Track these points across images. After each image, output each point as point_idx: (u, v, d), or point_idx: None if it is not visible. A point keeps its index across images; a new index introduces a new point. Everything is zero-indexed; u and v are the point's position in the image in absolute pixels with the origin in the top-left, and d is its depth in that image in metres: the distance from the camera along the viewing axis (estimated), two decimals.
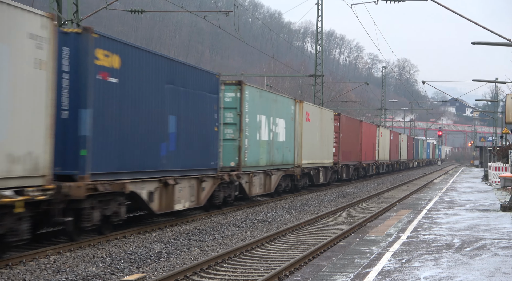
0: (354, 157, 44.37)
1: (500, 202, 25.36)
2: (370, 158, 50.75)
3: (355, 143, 44.89)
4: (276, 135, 27.43)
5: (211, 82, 20.81)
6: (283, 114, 28.44)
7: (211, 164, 20.86)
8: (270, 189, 27.28)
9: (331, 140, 37.68)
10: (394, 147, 66.03)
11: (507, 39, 21.79)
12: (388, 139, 61.37)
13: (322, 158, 35.27)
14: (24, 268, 12.09)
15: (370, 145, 50.94)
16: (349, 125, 43.03)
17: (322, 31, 46.85)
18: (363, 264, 11.72)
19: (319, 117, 34.68)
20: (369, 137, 50.19)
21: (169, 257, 13.65)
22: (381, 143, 56.29)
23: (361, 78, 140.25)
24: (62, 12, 22.53)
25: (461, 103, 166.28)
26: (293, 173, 30.26)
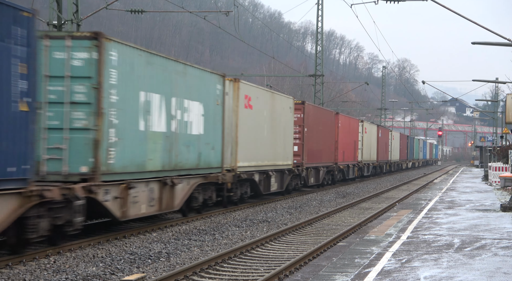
0: (326, 158, 36.91)
1: (500, 202, 25.36)
2: (350, 159, 43.06)
3: (328, 140, 37.23)
4: (185, 125, 18.68)
5: (7, 21, 11.52)
6: (200, 96, 19.71)
7: (10, 172, 11.63)
8: (172, 206, 18.18)
9: (290, 136, 29.48)
10: (383, 146, 57.95)
11: (507, 39, 21.79)
12: (375, 136, 53.97)
13: (275, 158, 27.35)
14: (24, 268, 12.09)
15: (350, 143, 43.47)
16: (318, 118, 35.15)
17: (322, 31, 46.85)
18: (363, 264, 11.72)
19: (269, 105, 26.74)
20: (348, 133, 42.80)
21: (169, 257, 13.65)
22: (365, 141, 48.67)
23: (361, 78, 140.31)
24: (62, 12, 22.53)
25: (461, 103, 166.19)
26: (220, 181, 21.44)
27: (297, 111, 31.24)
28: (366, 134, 49.10)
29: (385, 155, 59.79)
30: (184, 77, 18.63)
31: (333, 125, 38.81)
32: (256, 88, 25.75)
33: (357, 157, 45.70)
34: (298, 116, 31.46)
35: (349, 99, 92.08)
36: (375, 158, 53.63)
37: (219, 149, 21.40)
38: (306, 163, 32.01)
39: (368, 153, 50.26)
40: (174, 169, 18.11)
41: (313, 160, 33.78)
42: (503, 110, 60.26)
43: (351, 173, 44.12)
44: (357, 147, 45.72)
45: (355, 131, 45.22)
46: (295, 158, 30.41)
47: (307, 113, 32.25)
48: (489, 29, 20.94)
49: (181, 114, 18.44)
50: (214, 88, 20.90)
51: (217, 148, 21.23)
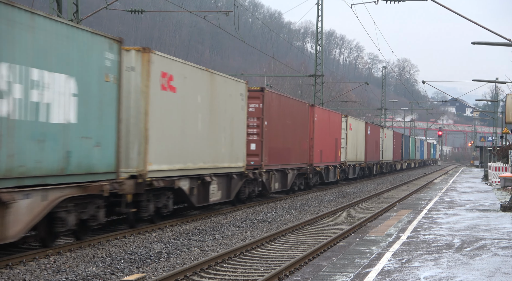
0: (297, 158, 30.80)
1: (500, 202, 25.36)
2: (330, 159, 37.40)
3: (299, 137, 31.19)
4: (34, 109, 12.39)
5: None
6: (70, 65, 13.50)
7: None
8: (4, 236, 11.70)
9: (241, 131, 23.45)
10: (373, 144, 52.22)
11: (507, 39, 21.79)
12: (363, 134, 48.12)
13: (217, 159, 21.16)
14: (24, 268, 12.09)
15: (331, 141, 37.78)
16: (285, 109, 28.75)
17: (322, 31, 46.85)
18: (363, 264, 11.72)
19: (206, 88, 20.23)
20: (328, 129, 37.04)
21: (169, 257, 13.65)
22: (350, 138, 43.20)
23: (361, 78, 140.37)
24: (62, 12, 22.53)
25: (461, 103, 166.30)
26: (106, 193, 14.68)
27: (254, 100, 25.35)
28: (352, 131, 43.72)
29: (376, 155, 54.11)
30: (32, 33, 12.28)
31: (306, 119, 32.48)
32: (183, 65, 18.78)
33: (340, 157, 40.08)
34: (256, 106, 25.54)
35: (349, 99, 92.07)
36: (362, 158, 47.69)
37: (112, 146, 14.97)
38: (266, 165, 25.96)
39: (354, 152, 44.56)
40: (7, 177, 11.57)
41: (278, 161, 27.71)
42: (503, 110, 60.27)
43: (332, 175, 38.51)
44: (340, 145, 40.17)
45: (336, 127, 39.69)
46: (251, 159, 24.93)
47: (268, 102, 26.22)
48: (489, 29, 20.94)
49: (24, 91, 12.03)
50: (100, 57, 14.50)
51: (107, 144, 14.80)
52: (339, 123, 40.55)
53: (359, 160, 46.57)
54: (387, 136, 60.98)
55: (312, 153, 33.33)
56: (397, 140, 67.73)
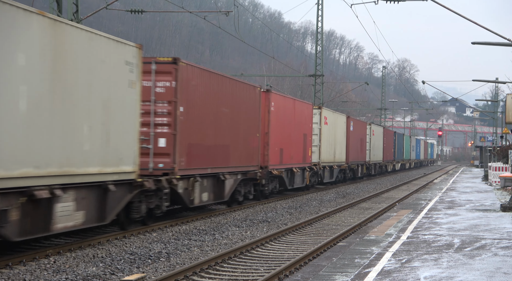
0: (240, 159, 23.25)
1: (500, 202, 25.36)
2: (295, 160, 30.26)
3: (245, 130, 23.78)
4: None
5: None
6: None
7: None
8: None
9: (129, 118, 15.82)
10: (357, 143, 45.66)
11: (507, 39, 21.79)
12: (344, 130, 41.54)
13: (72, 161, 13.52)
14: (24, 268, 12.09)
15: (297, 138, 30.58)
16: (218, 92, 21.34)
17: (322, 31, 46.85)
18: (363, 264, 11.72)
19: (38, 44, 12.58)
20: (292, 122, 29.78)
21: (169, 257, 13.65)
22: (326, 135, 36.57)
23: (361, 78, 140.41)
24: (62, 12, 22.53)
25: (461, 103, 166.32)
26: None
27: (164, 76, 18.33)
28: (328, 127, 37.02)
29: (361, 154, 47.35)
30: None
31: (257, 108, 25.05)
32: None
33: (310, 157, 33.17)
34: (167, 85, 18.34)
35: (349, 99, 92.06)
36: (343, 158, 41.14)
37: None
38: (184, 168, 18.73)
39: (331, 152, 37.84)
40: None
41: (206, 163, 20.22)
42: (503, 110, 60.27)
43: (299, 180, 31.38)
44: (310, 143, 33.10)
45: (305, 121, 32.25)
46: (160, 160, 18.08)
47: (187, 80, 18.87)
48: (489, 29, 20.95)
49: None
50: None
51: None
52: (309, 115, 33.06)
53: (339, 160, 39.90)
54: (376, 133, 53.95)
55: (267, 152, 25.94)
56: (388, 138, 61.38)
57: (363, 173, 49.00)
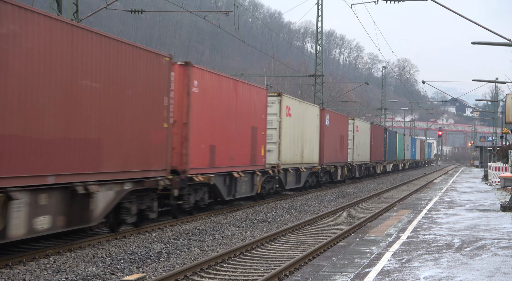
0: (126, 159, 15.85)
1: (500, 202, 25.36)
2: (237, 161, 23.14)
3: (138, 116, 16.32)
4: None
5: None
6: None
7: None
8: None
9: None
10: (336, 140, 38.55)
11: (507, 39, 21.80)
12: (317, 124, 34.51)
13: None
14: (24, 268, 12.10)
15: (242, 131, 23.55)
16: (77, 50, 13.77)
17: (322, 31, 46.85)
18: (363, 264, 11.72)
19: None
20: (232, 111, 22.75)
21: (169, 257, 13.65)
22: (287, 129, 28.90)
23: (361, 78, 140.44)
24: (62, 12, 22.53)
25: (461, 103, 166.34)
26: None
27: None
28: (292, 119, 29.45)
29: (341, 154, 40.02)
30: None
31: (164, 87, 17.63)
32: None
33: (263, 158, 25.88)
34: None
35: (349, 99, 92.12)
36: (315, 159, 34.18)
37: None
38: None
39: (297, 151, 30.55)
40: None
41: (37, 167, 12.57)
42: (503, 110, 60.30)
43: (245, 187, 23.98)
44: (263, 139, 25.89)
45: (255, 110, 24.87)
46: None
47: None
48: (489, 29, 20.95)
49: None
50: None
51: None
52: (261, 103, 25.61)
53: (309, 161, 32.83)
54: (362, 129, 47.28)
55: (186, 150, 19.04)
56: (377, 136, 54.28)
57: (343, 176, 41.59)
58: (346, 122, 42.40)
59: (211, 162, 20.78)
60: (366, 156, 49.25)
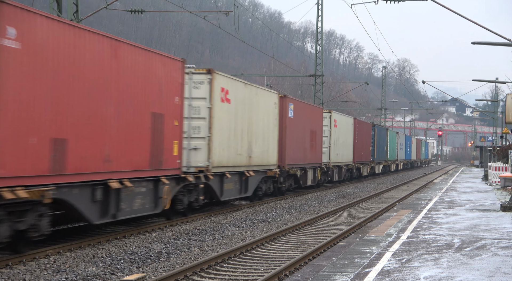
0: None
1: (500, 202, 25.36)
2: (127, 164, 15.76)
3: None
4: None
5: None
6: None
7: None
8: None
9: None
10: (304, 136, 31.42)
11: (507, 39, 21.80)
12: (274, 114, 27.13)
13: None
14: (24, 268, 12.10)
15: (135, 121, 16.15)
16: None
17: (322, 31, 46.85)
18: (363, 264, 11.72)
19: None
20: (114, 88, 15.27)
21: (169, 257, 13.65)
22: (223, 119, 21.74)
23: (361, 78, 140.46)
24: (62, 12, 22.53)
25: (461, 103, 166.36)
26: None
27: None
28: (231, 107, 22.28)
29: (311, 154, 33.02)
30: None
31: None
32: None
33: (175, 159, 18.14)
34: None
35: (349, 99, 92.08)
36: (273, 159, 26.92)
37: None
38: None
39: (241, 149, 23.39)
40: None
41: None
42: (503, 110, 60.31)
43: (140, 202, 16.49)
44: (174, 133, 18.10)
45: (158, 89, 17.21)
46: None
47: None
48: (489, 29, 20.95)
49: None
50: None
51: None
52: (171, 80, 17.81)
53: (261, 163, 25.42)
54: (341, 125, 40.27)
55: None
56: (363, 132, 47.47)
57: (316, 181, 34.60)
58: (319, 114, 35.04)
59: (55, 166, 13.16)
60: (348, 156, 42.62)
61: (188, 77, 20.17)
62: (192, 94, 20.41)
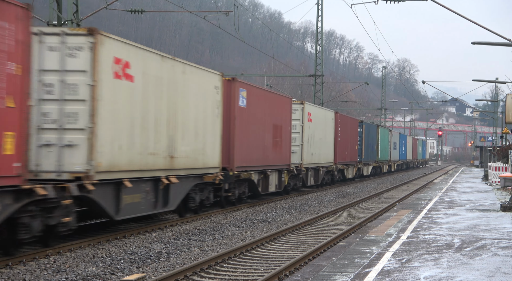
0: None
1: (500, 202, 25.36)
2: None
3: None
4: None
5: None
6: None
7: None
8: None
9: None
10: (264, 131, 26.01)
11: (507, 39, 21.79)
12: (216, 103, 20.97)
13: None
14: (24, 268, 12.09)
15: None
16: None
17: (322, 31, 46.85)
18: (363, 264, 11.72)
19: None
20: None
21: (169, 257, 13.65)
22: (117, 103, 15.19)
23: (361, 78, 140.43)
24: (62, 12, 22.53)
25: (461, 103, 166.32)
26: None
27: None
28: (133, 86, 15.90)
29: (275, 153, 27.10)
30: None
31: None
32: None
33: (10, 162, 11.39)
34: None
35: (349, 99, 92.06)
36: (209, 160, 20.47)
37: None
38: None
39: (157, 146, 17.14)
40: None
41: None
42: (503, 110, 60.30)
43: None
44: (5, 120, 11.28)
45: None
46: None
47: None
48: (489, 29, 20.95)
49: None
50: None
51: None
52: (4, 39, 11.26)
53: (192, 165, 19.39)
54: (318, 119, 34.15)
55: None
56: (347, 129, 41.72)
57: (281, 186, 28.38)
58: (287, 106, 29.13)
59: None
60: (328, 155, 36.73)
61: (60, 39, 14.23)
62: (66, 66, 14.23)
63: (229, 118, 22.53)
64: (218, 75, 21.28)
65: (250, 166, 24.41)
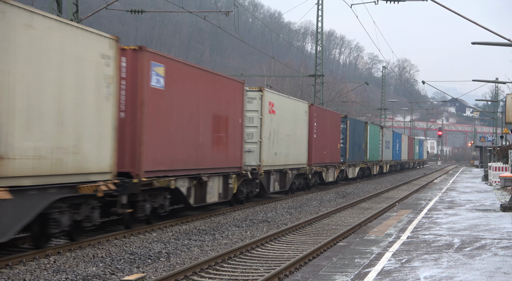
0: None
1: (500, 202, 25.36)
2: None
3: None
4: None
5: None
6: None
7: None
8: None
9: None
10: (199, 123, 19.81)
11: (507, 39, 21.79)
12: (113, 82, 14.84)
13: None
14: (24, 268, 12.09)
15: None
16: None
17: (322, 31, 46.86)
18: (363, 264, 11.72)
19: None
20: None
21: (169, 257, 13.65)
22: None
23: (361, 78, 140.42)
24: (62, 12, 22.52)
25: (461, 103, 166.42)
26: None
27: None
28: None
29: (219, 152, 21.44)
30: None
31: None
32: None
33: None
34: None
35: (349, 99, 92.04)
36: (92, 163, 14.06)
37: None
38: None
39: None
40: None
41: None
42: (503, 110, 60.32)
43: None
44: None
45: None
46: None
47: None
48: (489, 29, 20.95)
49: None
50: None
51: None
52: None
53: (29, 171, 12.10)
54: (284, 111, 28.40)
55: None
56: (326, 125, 36.01)
57: (228, 194, 22.53)
58: (237, 92, 23.38)
59: None
60: (299, 156, 30.99)
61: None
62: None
63: (135, 103, 16.33)
64: (108, 38, 14.78)
65: (172, 170, 18.13)
